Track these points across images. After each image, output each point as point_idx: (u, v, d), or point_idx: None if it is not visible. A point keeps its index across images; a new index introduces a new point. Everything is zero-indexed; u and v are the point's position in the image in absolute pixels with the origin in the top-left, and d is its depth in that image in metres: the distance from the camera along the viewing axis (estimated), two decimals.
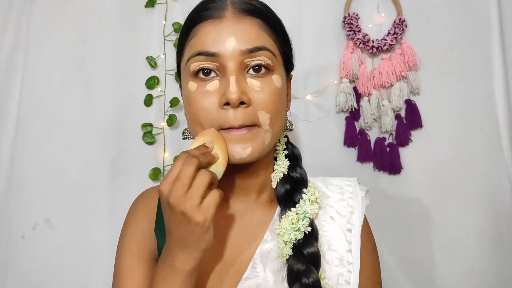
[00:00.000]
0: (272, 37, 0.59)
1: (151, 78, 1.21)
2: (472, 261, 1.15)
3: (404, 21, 1.17)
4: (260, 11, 0.60)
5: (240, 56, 0.56)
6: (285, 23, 0.66)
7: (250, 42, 0.56)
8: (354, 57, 1.18)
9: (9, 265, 1.17)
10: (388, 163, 1.18)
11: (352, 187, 0.68)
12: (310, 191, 0.64)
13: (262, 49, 0.57)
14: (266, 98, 0.57)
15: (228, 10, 0.58)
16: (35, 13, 1.21)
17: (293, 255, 0.59)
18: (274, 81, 0.58)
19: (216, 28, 0.57)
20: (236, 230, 0.64)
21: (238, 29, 0.57)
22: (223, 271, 0.62)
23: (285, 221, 0.61)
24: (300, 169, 0.67)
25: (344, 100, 1.18)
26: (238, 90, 0.54)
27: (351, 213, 0.65)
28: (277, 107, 0.58)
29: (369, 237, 0.67)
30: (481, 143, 1.16)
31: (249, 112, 0.56)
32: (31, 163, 1.20)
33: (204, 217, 0.51)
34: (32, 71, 1.21)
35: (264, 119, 0.57)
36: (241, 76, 0.57)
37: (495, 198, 1.15)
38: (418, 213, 1.18)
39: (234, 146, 0.56)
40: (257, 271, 0.61)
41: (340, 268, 0.61)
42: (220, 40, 0.56)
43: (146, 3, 1.21)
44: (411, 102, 1.18)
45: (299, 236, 0.60)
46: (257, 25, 0.58)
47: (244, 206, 0.65)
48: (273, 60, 0.58)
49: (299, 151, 0.70)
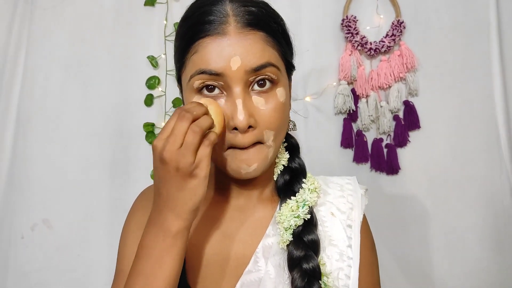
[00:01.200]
0: (276, 48, 0.58)
1: (152, 78, 1.22)
2: (470, 261, 1.16)
3: (402, 23, 1.18)
4: (263, 20, 0.58)
5: (245, 76, 0.55)
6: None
7: (255, 61, 0.55)
8: (352, 59, 1.19)
9: (9, 265, 1.17)
10: (386, 164, 1.19)
11: (352, 185, 0.69)
12: (309, 180, 0.65)
13: (267, 66, 0.56)
14: (271, 117, 0.57)
15: (231, 25, 0.55)
16: (35, 13, 1.21)
17: (293, 241, 0.61)
18: (278, 96, 0.58)
19: (220, 46, 0.55)
20: (239, 224, 0.65)
21: (242, 46, 0.55)
22: (226, 263, 0.63)
23: (285, 208, 0.62)
24: (299, 160, 0.68)
25: (342, 102, 1.19)
26: (246, 115, 0.54)
27: (351, 209, 0.66)
28: (281, 123, 0.59)
29: (368, 234, 0.68)
30: (479, 144, 1.17)
31: (255, 134, 0.57)
32: (31, 163, 1.20)
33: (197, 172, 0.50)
34: (32, 71, 1.21)
35: (268, 136, 0.58)
36: (246, 96, 0.56)
37: (493, 198, 1.16)
38: (416, 213, 1.19)
39: (240, 163, 0.57)
40: (259, 265, 0.62)
41: (340, 263, 0.62)
42: (224, 59, 0.54)
43: (145, 2, 1.21)
44: (409, 103, 1.19)
45: (299, 223, 0.61)
46: (261, 40, 0.56)
47: (247, 202, 0.66)
48: (278, 74, 0.58)
49: (297, 141, 0.71)
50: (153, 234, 0.53)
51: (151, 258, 0.53)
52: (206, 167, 0.51)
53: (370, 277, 0.65)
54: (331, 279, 0.60)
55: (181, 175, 0.50)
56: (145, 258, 0.53)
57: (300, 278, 0.58)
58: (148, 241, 0.54)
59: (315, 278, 0.58)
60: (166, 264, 0.53)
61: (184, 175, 0.50)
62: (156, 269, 0.52)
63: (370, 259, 0.66)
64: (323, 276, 0.60)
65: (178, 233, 0.52)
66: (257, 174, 0.59)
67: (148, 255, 0.53)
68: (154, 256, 0.53)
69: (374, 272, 0.67)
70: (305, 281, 0.58)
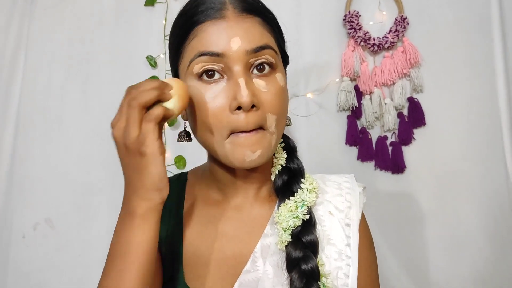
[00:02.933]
0: (272, 34, 0.59)
1: (151, 77, 1.21)
2: (476, 261, 1.14)
3: (405, 19, 1.16)
4: (259, 9, 0.59)
5: (245, 56, 0.55)
6: (286, 21, 0.66)
7: (255, 42, 0.56)
8: (355, 55, 1.17)
9: (9, 265, 1.17)
10: (391, 162, 1.17)
11: (350, 183, 0.69)
12: (308, 180, 0.65)
13: (266, 48, 0.56)
14: (273, 99, 0.57)
15: (229, 10, 0.56)
16: (35, 13, 1.22)
17: (292, 242, 0.60)
18: (278, 80, 0.58)
19: (219, 28, 0.55)
20: (237, 223, 0.65)
21: (242, 28, 0.56)
22: (224, 263, 0.63)
23: (283, 209, 0.62)
24: (297, 160, 0.68)
25: (345, 99, 1.17)
26: (249, 93, 0.54)
27: (349, 208, 0.65)
28: (282, 107, 0.58)
29: (366, 233, 0.67)
30: (485, 141, 1.15)
31: (259, 115, 0.56)
32: (32, 163, 1.20)
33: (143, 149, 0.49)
34: (33, 71, 1.22)
35: (271, 121, 0.57)
36: (248, 78, 0.56)
37: (499, 196, 1.14)
38: (422, 212, 1.17)
39: (244, 150, 0.56)
40: (257, 265, 0.62)
41: (339, 262, 0.62)
42: (224, 40, 0.55)
43: (145, 2, 1.21)
44: (414, 100, 1.17)
45: (298, 223, 0.61)
46: (258, 24, 0.57)
47: (244, 201, 0.66)
48: (276, 58, 0.58)
49: (294, 142, 0.70)
50: (121, 218, 0.53)
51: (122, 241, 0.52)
52: (151, 144, 0.49)
53: (369, 276, 0.65)
54: (329, 279, 0.60)
55: (131, 154, 0.50)
56: (117, 242, 0.53)
57: (298, 279, 0.58)
58: (118, 225, 0.54)
59: (313, 279, 0.58)
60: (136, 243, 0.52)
61: (133, 153, 0.49)
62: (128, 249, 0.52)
63: (369, 257, 0.66)
64: (321, 277, 0.59)
65: (145, 214, 0.51)
66: (262, 162, 0.57)
67: (119, 238, 0.53)
68: (124, 238, 0.52)
69: (373, 271, 0.66)
70: (304, 282, 0.57)
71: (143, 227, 0.52)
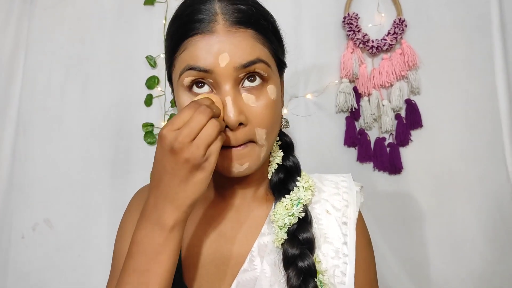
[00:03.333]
0: (266, 45, 0.58)
1: (151, 77, 1.21)
2: (473, 261, 1.15)
3: (404, 21, 1.17)
4: (252, 18, 0.57)
5: (234, 73, 0.55)
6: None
7: (245, 57, 0.55)
8: (354, 57, 1.18)
9: (9, 265, 1.17)
10: (389, 163, 1.18)
11: (347, 182, 0.69)
12: (304, 179, 0.65)
13: (257, 62, 0.56)
14: (263, 114, 0.57)
15: (220, 23, 0.55)
16: (35, 13, 1.22)
17: (288, 240, 0.60)
18: (269, 93, 0.57)
19: (208, 43, 0.54)
20: (234, 223, 0.65)
21: (231, 44, 0.54)
22: (222, 262, 0.63)
23: (279, 207, 0.62)
24: (293, 158, 0.68)
25: (344, 100, 1.18)
26: (236, 113, 0.54)
27: (346, 206, 0.66)
28: (272, 121, 0.58)
29: (364, 232, 0.67)
30: (482, 143, 1.16)
31: (247, 130, 0.56)
32: (31, 163, 1.20)
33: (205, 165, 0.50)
34: (32, 71, 1.22)
35: (261, 135, 0.57)
36: (236, 93, 0.56)
37: (498, 196, 1.15)
38: (420, 213, 1.17)
39: (232, 162, 0.57)
40: (255, 264, 0.62)
41: (336, 260, 0.62)
42: (212, 56, 0.54)
43: (145, 1, 1.22)
44: (411, 102, 1.18)
45: (293, 221, 0.61)
46: (250, 37, 0.56)
47: (242, 202, 0.66)
48: (268, 70, 0.57)
49: (291, 139, 0.70)
50: (148, 229, 0.52)
51: (146, 254, 0.51)
52: (214, 162, 0.50)
53: (367, 274, 0.65)
54: (326, 276, 0.60)
55: (189, 167, 0.49)
56: (139, 254, 0.52)
57: (295, 276, 0.58)
58: (142, 236, 0.52)
59: (310, 276, 0.58)
60: (162, 260, 0.51)
61: (192, 168, 0.49)
62: (151, 265, 0.51)
63: (366, 256, 0.66)
64: (318, 274, 0.59)
65: (175, 226, 0.51)
66: (249, 173, 0.59)
67: (143, 251, 0.52)
68: (149, 252, 0.51)
69: (371, 269, 0.66)
70: (301, 279, 0.58)
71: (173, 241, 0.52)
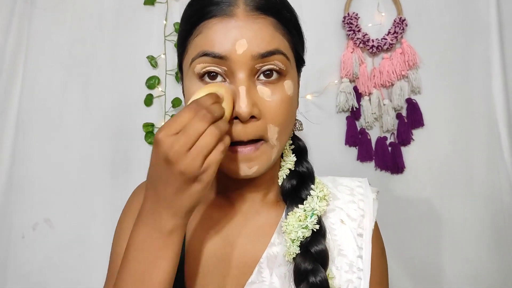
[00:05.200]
0: (287, 37, 0.54)
1: (152, 78, 1.21)
2: (476, 261, 1.15)
3: (404, 20, 1.17)
4: (275, 7, 0.54)
5: (251, 61, 0.51)
6: None
7: (263, 46, 0.51)
8: (354, 56, 1.18)
9: (9, 265, 1.17)
10: (391, 163, 1.18)
11: (363, 188, 0.65)
12: (318, 187, 0.60)
13: (276, 53, 0.52)
14: (277, 109, 0.53)
15: (240, 7, 0.51)
16: (35, 13, 1.21)
17: (300, 254, 0.56)
18: (286, 88, 0.54)
19: (226, 27, 0.51)
20: (242, 230, 0.61)
21: (251, 30, 0.51)
22: (228, 271, 0.60)
23: (292, 218, 0.58)
24: (307, 164, 0.64)
25: (345, 100, 1.17)
26: (249, 104, 0.50)
27: (362, 216, 0.61)
28: (286, 118, 0.54)
29: (378, 242, 0.63)
30: (481, 142, 1.16)
31: (259, 125, 0.52)
32: (32, 163, 1.20)
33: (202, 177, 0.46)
34: (32, 71, 1.21)
35: (273, 133, 0.53)
36: (251, 84, 0.52)
37: (499, 196, 1.15)
38: (421, 213, 1.17)
39: (240, 164, 0.53)
40: (263, 276, 0.58)
41: (350, 275, 0.58)
42: (229, 41, 0.50)
43: (145, 1, 1.21)
44: (412, 101, 1.18)
45: (307, 234, 0.57)
46: (271, 25, 0.52)
47: (250, 207, 0.62)
48: (286, 64, 0.53)
49: (304, 144, 0.66)
50: (145, 233, 0.49)
51: (143, 260, 0.49)
52: (213, 173, 0.46)
53: (379, 286, 0.61)
54: None
55: (184, 179, 0.45)
56: (136, 260, 0.49)
57: None
58: (139, 241, 0.49)
59: None
60: (161, 265, 0.48)
61: (187, 180, 0.45)
62: (149, 271, 0.48)
63: (380, 266, 0.62)
64: None
65: (174, 231, 0.48)
66: (258, 175, 0.55)
67: (140, 256, 0.49)
68: (147, 257, 0.48)
69: (383, 280, 0.63)
70: None
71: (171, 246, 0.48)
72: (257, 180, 0.59)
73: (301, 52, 0.60)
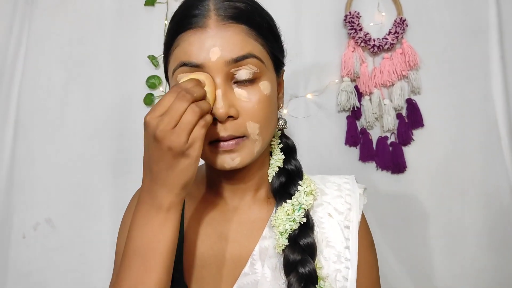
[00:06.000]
0: (260, 41, 0.58)
1: (152, 77, 1.21)
2: (473, 261, 1.15)
3: (404, 21, 1.17)
4: (246, 14, 0.57)
5: (225, 67, 0.55)
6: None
7: (236, 51, 0.55)
8: (355, 55, 1.18)
9: (9, 265, 1.17)
10: (392, 162, 1.18)
11: (350, 184, 0.68)
12: (305, 183, 0.64)
13: (249, 57, 0.56)
14: (255, 108, 0.56)
15: (211, 18, 0.56)
16: (36, 13, 1.22)
17: (289, 246, 0.60)
18: (262, 89, 0.57)
19: (200, 38, 0.55)
20: (235, 225, 0.65)
21: (222, 38, 0.55)
22: (223, 265, 0.63)
23: (280, 212, 0.62)
24: (295, 161, 0.67)
25: (346, 99, 1.18)
26: (225, 105, 0.54)
27: (349, 210, 0.65)
28: (266, 115, 0.58)
29: (366, 234, 0.67)
30: (481, 142, 1.16)
31: (238, 123, 0.56)
32: (32, 163, 1.20)
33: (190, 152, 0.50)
34: (33, 71, 1.22)
35: (253, 129, 0.57)
36: (228, 88, 0.56)
37: (499, 196, 1.15)
38: (422, 212, 1.17)
39: (223, 156, 0.57)
40: (256, 268, 0.62)
41: (338, 265, 0.61)
42: (204, 51, 0.55)
43: (145, 1, 1.21)
44: (412, 102, 1.18)
45: (295, 227, 0.60)
46: (242, 32, 0.56)
47: (242, 203, 0.66)
48: (261, 66, 0.57)
49: (293, 142, 0.70)
50: (144, 212, 0.53)
51: (145, 236, 0.52)
52: (198, 148, 0.51)
53: (369, 278, 0.65)
54: (328, 282, 0.60)
55: (173, 154, 0.49)
56: (139, 237, 0.53)
57: (296, 282, 0.58)
58: (140, 219, 0.53)
59: (311, 282, 0.58)
60: (161, 239, 0.52)
61: (176, 154, 0.49)
62: (152, 245, 0.52)
63: (369, 259, 0.66)
64: (319, 280, 0.59)
65: (171, 207, 0.52)
66: (243, 166, 0.58)
67: (142, 233, 0.52)
68: (148, 233, 0.52)
69: (373, 272, 0.66)
70: (302, 285, 0.58)
71: (170, 221, 0.52)
72: (246, 177, 0.65)
73: (278, 55, 0.63)
